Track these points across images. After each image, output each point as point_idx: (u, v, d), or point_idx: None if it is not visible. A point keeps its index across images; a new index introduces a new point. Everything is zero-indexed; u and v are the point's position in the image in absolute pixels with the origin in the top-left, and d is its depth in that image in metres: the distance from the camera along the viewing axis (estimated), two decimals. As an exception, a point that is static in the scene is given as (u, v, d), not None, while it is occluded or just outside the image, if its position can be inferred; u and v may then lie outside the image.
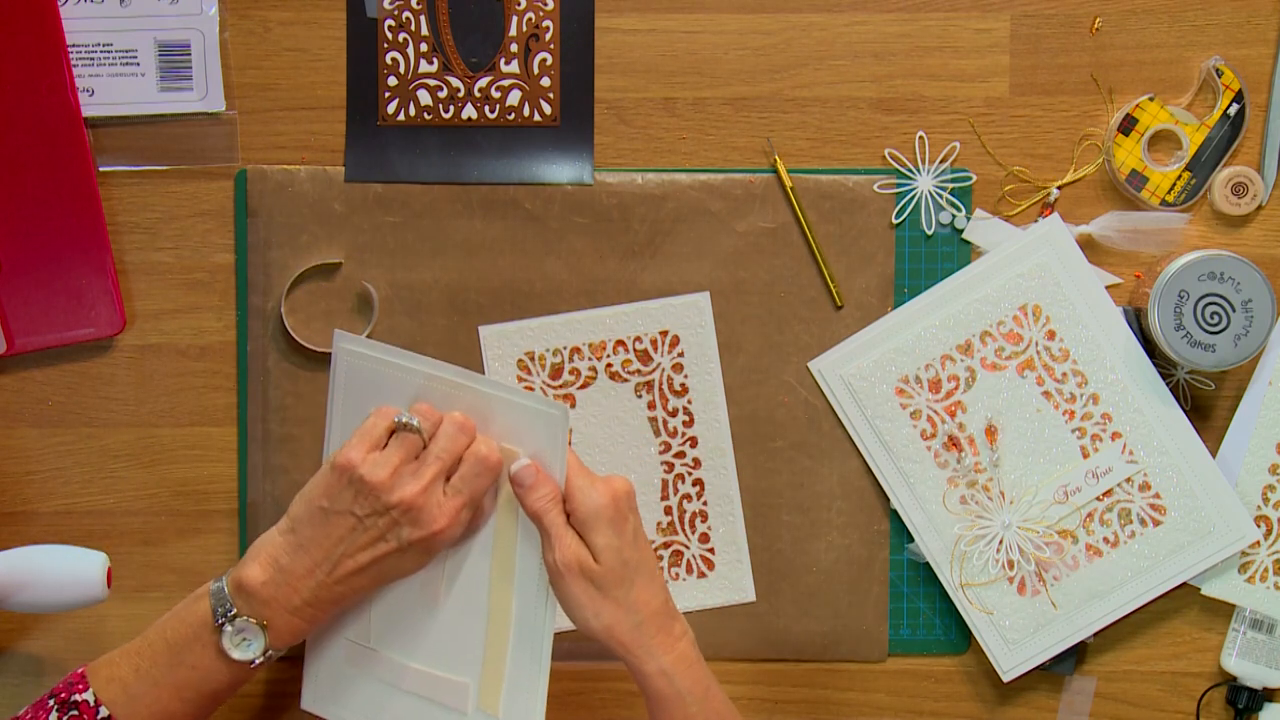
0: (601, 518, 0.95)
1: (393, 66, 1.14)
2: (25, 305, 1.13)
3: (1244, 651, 1.15)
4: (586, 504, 0.95)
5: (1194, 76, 1.15)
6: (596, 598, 0.94)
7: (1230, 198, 1.15)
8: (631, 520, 0.96)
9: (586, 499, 0.95)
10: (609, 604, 0.95)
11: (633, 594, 0.95)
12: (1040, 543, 1.13)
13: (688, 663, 0.96)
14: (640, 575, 0.96)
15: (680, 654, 0.96)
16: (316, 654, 1.06)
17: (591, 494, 0.95)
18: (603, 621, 0.95)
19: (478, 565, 1.00)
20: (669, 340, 1.15)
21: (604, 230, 1.15)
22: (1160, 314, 1.09)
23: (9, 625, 1.15)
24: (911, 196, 1.15)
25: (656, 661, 0.95)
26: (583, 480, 0.96)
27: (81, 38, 1.13)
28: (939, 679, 1.17)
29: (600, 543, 0.95)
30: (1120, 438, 1.13)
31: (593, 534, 0.95)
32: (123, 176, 1.15)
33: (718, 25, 1.15)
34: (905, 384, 1.14)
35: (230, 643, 0.94)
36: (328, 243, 1.15)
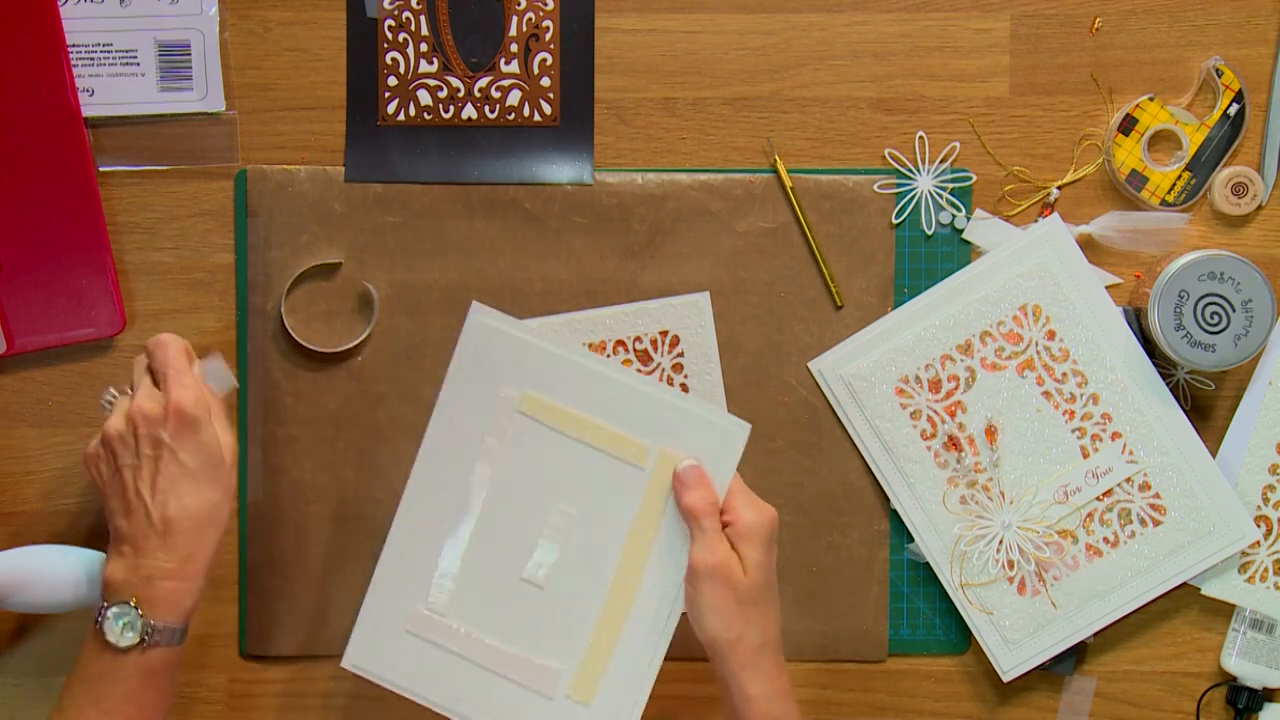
0: (759, 534, 0.97)
1: (393, 66, 1.14)
2: (25, 305, 1.13)
3: (1244, 651, 1.15)
4: (747, 518, 0.98)
5: (1194, 76, 1.15)
6: (733, 608, 0.96)
7: (1230, 198, 1.15)
8: (775, 549, 0.99)
9: (748, 514, 0.98)
10: (742, 618, 0.96)
11: (766, 615, 0.97)
12: (1040, 543, 1.13)
13: (787, 696, 0.98)
14: (775, 600, 0.99)
15: (784, 686, 0.98)
16: (371, 613, 1.04)
17: (753, 511, 0.98)
18: (733, 633, 0.96)
19: (602, 554, 1.01)
20: (669, 340, 1.15)
21: (604, 230, 1.15)
22: (1160, 314, 1.09)
23: (9, 625, 1.15)
24: (911, 196, 1.15)
25: (763, 686, 0.96)
26: (746, 497, 1.00)
27: (81, 38, 1.13)
28: (939, 679, 1.17)
29: (753, 557, 0.97)
30: (1120, 438, 1.13)
31: (748, 547, 0.97)
32: (123, 176, 1.15)
33: (718, 25, 1.15)
34: (905, 384, 1.14)
35: (113, 633, 0.94)
36: (328, 243, 1.15)
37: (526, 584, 1.02)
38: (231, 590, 1.16)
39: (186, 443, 0.97)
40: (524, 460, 1.02)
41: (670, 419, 1.00)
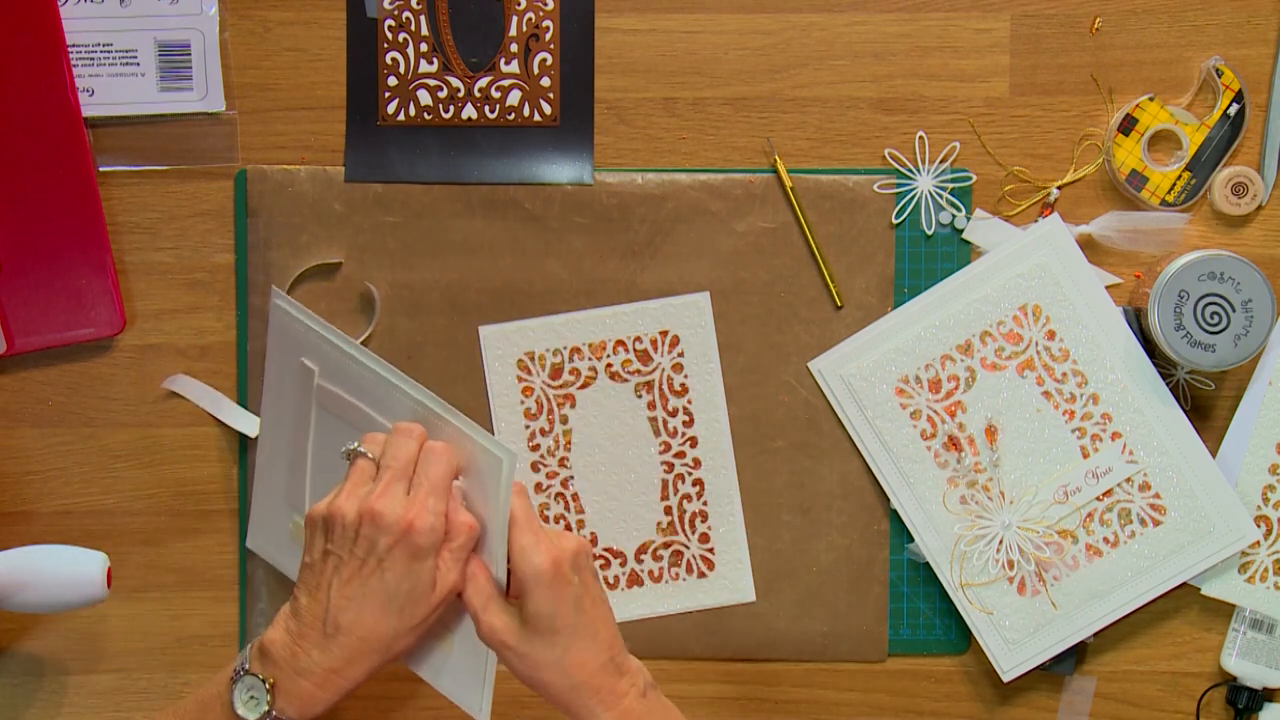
0: (540, 581, 0.91)
1: (393, 66, 1.14)
2: (25, 305, 1.13)
3: (1244, 651, 1.15)
4: (525, 566, 0.91)
5: (1194, 76, 1.15)
6: (524, 665, 0.92)
7: (1230, 198, 1.15)
8: (575, 583, 0.92)
9: (526, 561, 0.91)
10: (539, 669, 0.92)
11: (567, 657, 0.92)
12: (1040, 543, 1.13)
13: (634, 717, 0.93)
14: (577, 639, 0.92)
15: (625, 709, 0.93)
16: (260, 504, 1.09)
17: (533, 556, 0.91)
18: (537, 684, 0.92)
19: None
20: (669, 340, 1.15)
21: (604, 230, 1.15)
22: (1160, 314, 1.09)
23: (9, 625, 1.15)
24: (911, 196, 1.15)
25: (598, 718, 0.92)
26: (527, 539, 0.92)
27: (81, 38, 1.13)
28: (939, 679, 1.17)
29: (532, 607, 0.91)
30: (1120, 438, 1.13)
31: (528, 597, 0.91)
32: (123, 176, 1.15)
33: (718, 25, 1.15)
34: (905, 384, 1.14)
35: (239, 700, 0.92)
36: (328, 243, 1.15)
37: None
38: (231, 590, 1.16)
39: (398, 565, 0.91)
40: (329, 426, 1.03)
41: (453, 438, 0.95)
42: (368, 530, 0.91)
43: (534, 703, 1.16)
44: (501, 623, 0.92)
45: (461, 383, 1.15)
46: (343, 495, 0.92)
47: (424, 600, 0.92)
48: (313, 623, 0.92)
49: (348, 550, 0.91)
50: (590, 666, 0.92)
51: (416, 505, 0.91)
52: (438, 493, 0.92)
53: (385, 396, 0.97)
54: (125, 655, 1.16)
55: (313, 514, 0.93)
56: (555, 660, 0.92)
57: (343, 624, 0.91)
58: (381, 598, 0.91)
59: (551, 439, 1.15)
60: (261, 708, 0.91)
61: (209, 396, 1.14)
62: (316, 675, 0.92)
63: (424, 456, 0.93)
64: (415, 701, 1.16)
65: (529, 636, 0.91)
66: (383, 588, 0.91)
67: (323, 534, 0.92)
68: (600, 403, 1.15)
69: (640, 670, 0.95)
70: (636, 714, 0.93)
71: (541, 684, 0.92)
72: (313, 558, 0.93)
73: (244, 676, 0.92)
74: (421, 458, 0.93)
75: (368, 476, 0.93)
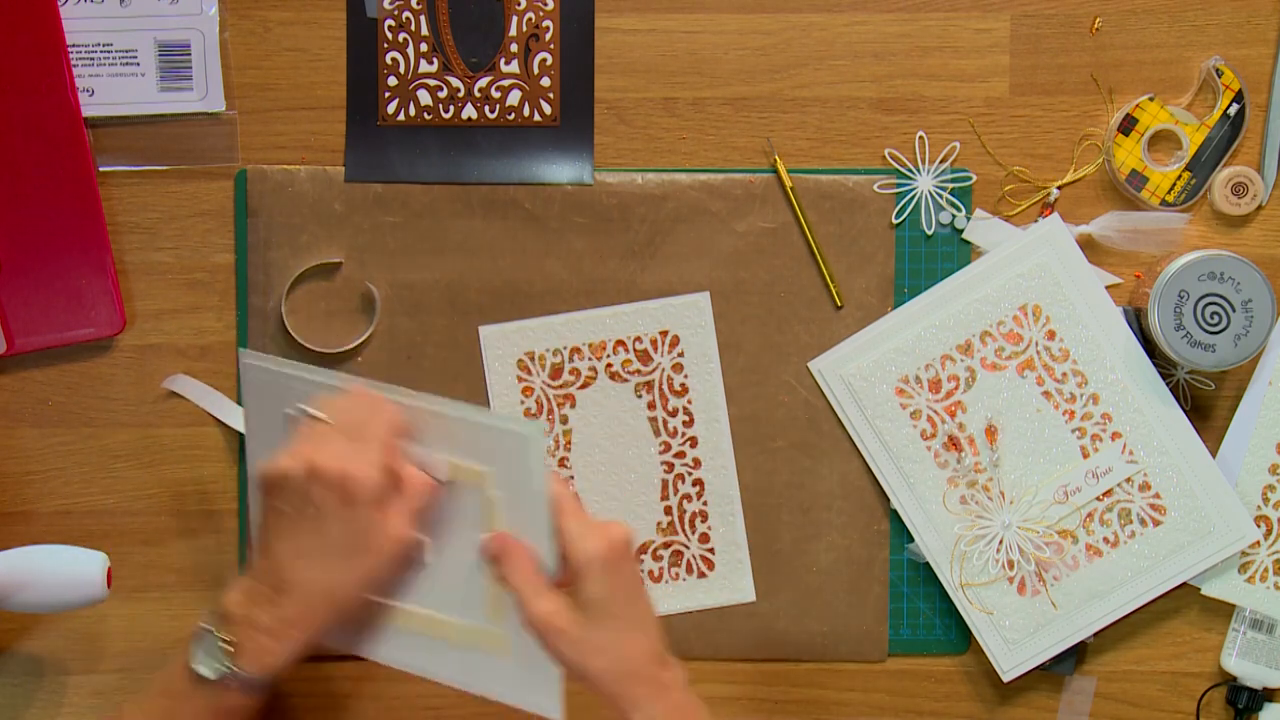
0: (595, 566, 0.91)
1: (393, 66, 1.14)
2: (25, 305, 1.13)
3: (1244, 651, 1.15)
4: (580, 552, 0.91)
5: (1194, 76, 1.15)
6: (576, 650, 0.92)
7: (1230, 198, 1.15)
8: (626, 570, 0.92)
9: (581, 546, 0.91)
10: (592, 655, 0.92)
11: (621, 644, 0.92)
12: (1040, 543, 1.13)
13: (680, 712, 0.93)
14: (630, 627, 0.92)
15: (673, 704, 0.93)
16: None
17: (587, 541, 0.91)
18: (589, 672, 0.92)
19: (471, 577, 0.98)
20: (669, 340, 1.15)
21: (604, 230, 1.15)
22: (1160, 314, 1.09)
23: (9, 625, 1.15)
24: (911, 196, 1.15)
25: (644, 712, 0.92)
26: (578, 526, 0.92)
27: (81, 38, 1.13)
28: (939, 679, 1.17)
29: (589, 592, 0.91)
30: (1120, 438, 1.13)
31: (584, 582, 0.91)
32: (123, 176, 1.15)
33: (718, 25, 1.15)
34: (905, 384, 1.14)
35: (198, 659, 0.93)
36: (328, 243, 1.15)
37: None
38: (231, 590, 1.16)
39: (338, 517, 0.91)
40: None
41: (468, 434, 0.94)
42: (309, 484, 0.91)
43: (534, 703, 1.16)
44: (555, 607, 0.92)
45: (461, 383, 1.15)
46: (287, 453, 0.93)
47: (370, 552, 0.93)
48: (264, 579, 0.93)
49: (292, 505, 0.92)
50: (642, 655, 0.93)
51: (354, 457, 0.92)
52: (376, 445, 0.93)
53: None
54: (125, 655, 1.16)
55: (258, 474, 0.94)
56: (610, 646, 0.92)
57: (290, 578, 0.92)
58: (323, 549, 0.92)
59: (551, 439, 1.15)
60: (221, 665, 0.93)
61: (209, 396, 1.14)
62: (272, 630, 0.93)
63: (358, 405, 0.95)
64: (416, 701, 1.16)
65: (583, 621, 0.91)
66: (324, 540, 0.92)
67: (270, 493, 0.94)
68: (600, 403, 1.15)
69: (679, 664, 0.95)
70: (684, 708, 0.94)
71: (594, 671, 0.92)
72: (261, 518, 0.94)
73: (203, 636, 0.93)
74: (361, 412, 0.94)
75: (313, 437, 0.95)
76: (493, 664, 0.98)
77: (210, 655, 0.93)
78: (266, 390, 1.02)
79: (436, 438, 0.96)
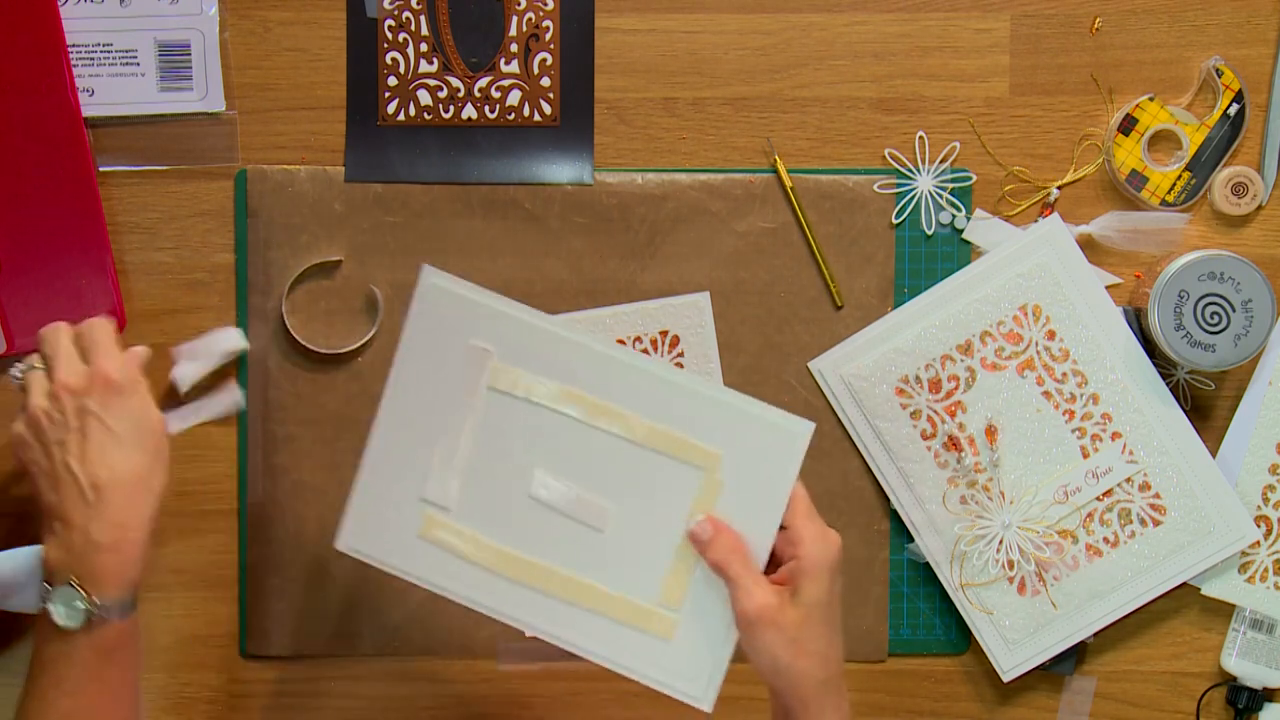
0: (823, 567, 0.92)
1: (393, 66, 1.14)
2: (25, 305, 1.13)
3: (1244, 651, 1.15)
4: (816, 554, 0.92)
5: (1194, 76, 1.15)
6: (789, 647, 0.92)
7: (1230, 198, 1.15)
8: (839, 579, 0.94)
9: (817, 549, 0.93)
10: (802, 656, 0.92)
11: (830, 649, 0.93)
12: (1040, 543, 1.13)
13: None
14: (836, 635, 0.94)
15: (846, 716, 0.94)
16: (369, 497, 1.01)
17: (822, 545, 0.93)
18: (794, 671, 0.92)
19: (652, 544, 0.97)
20: (669, 340, 1.15)
21: (604, 230, 1.15)
22: (1160, 314, 1.09)
23: (9, 625, 1.15)
24: (911, 196, 1.15)
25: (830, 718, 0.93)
26: (814, 528, 0.94)
27: (81, 38, 1.13)
28: (939, 679, 1.17)
29: (812, 592, 0.92)
30: (1120, 438, 1.13)
31: (811, 583, 0.92)
32: (123, 176, 1.15)
33: (718, 25, 1.15)
34: (905, 384, 1.14)
35: (58, 616, 0.93)
36: (328, 243, 1.15)
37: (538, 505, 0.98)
38: (231, 590, 1.16)
39: (114, 409, 0.95)
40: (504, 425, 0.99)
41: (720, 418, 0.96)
42: (69, 402, 0.95)
43: (534, 703, 1.16)
44: (777, 601, 0.92)
45: (461, 383, 1.15)
46: (30, 399, 0.97)
47: (153, 430, 0.97)
48: (75, 508, 0.94)
49: (64, 430, 0.95)
50: (839, 664, 0.94)
51: (100, 357, 0.97)
52: (109, 346, 0.97)
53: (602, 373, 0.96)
54: (125, 655, 1.16)
55: (15, 432, 0.97)
56: (822, 650, 0.92)
57: (100, 482, 0.94)
58: (118, 444, 0.95)
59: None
60: (82, 605, 0.93)
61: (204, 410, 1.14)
62: (107, 544, 0.94)
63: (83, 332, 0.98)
64: (416, 701, 1.17)
65: (804, 620, 0.92)
66: (111, 434, 0.95)
67: (35, 438, 0.96)
68: (600, 403, 1.15)
69: None
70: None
71: (798, 671, 0.92)
72: (38, 463, 0.96)
73: (49, 595, 0.93)
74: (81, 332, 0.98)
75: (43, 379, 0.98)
76: (652, 645, 0.98)
77: (68, 603, 0.93)
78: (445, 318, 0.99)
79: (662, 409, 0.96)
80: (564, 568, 0.98)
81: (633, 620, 0.98)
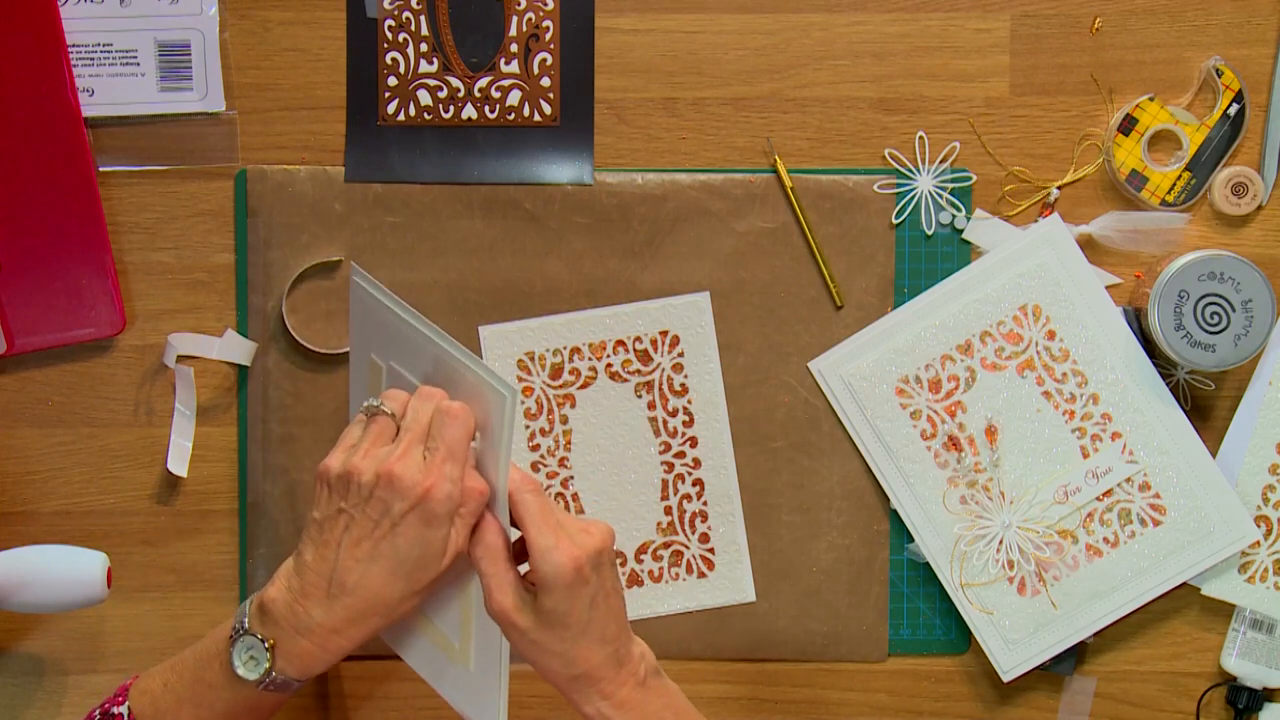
0: (559, 584, 0.89)
1: (393, 66, 1.14)
2: (25, 305, 1.13)
3: (1244, 651, 1.15)
4: (545, 567, 0.89)
5: (1194, 76, 1.15)
6: (529, 648, 0.91)
7: (1230, 198, 1.15)
8: (593, 582, 0.91)
9: (546, 562, 0.89)
10: (543, 655, 0.91)
11: (573, 651, 0.91)
12: (1040, 543, 1.13)
13: (626, 706, 0.93)
14: (585, 635, 0.91)
15: (621, 699, 0.93)
16: None
17: (552, 557, 0.89)
18: (538, 667, 0.92)
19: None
20: (669, 340, 1.15)
21: (604, 230, 1.15)
22: (1160, 314, 1.09)
23: (9, 625, 1.15)
24: (911, 196, 1.15)
25: (593, 706, 0.92)
26: (547, 539, 0.90)
27: (81, 38, 1.13)
28: (939, 679, 1.17)
29: (548, 605, 0.90)
30: (1120, 438, 1.13)
31: (545, 594, 0.90)
32: (123, 176, 1.15)
33: (718, 25, 1.15)
34: (905, 384, 1.14)
35: (238, 660, 0.92)
36: (328, 243, 1.15)
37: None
38: (231, 590, 1.16)
39: (412, 531, 0.90)
40: None
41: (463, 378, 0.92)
42: (383, 493, 0.90)
43: (534, 703, 1.16)
44: (514, 604, 0.91)
45: (461, 383, 1.15)
46: (360, 453, 0.91)
47: (433, 566, 0.91)
48: (317, 581, 0.91)
49: (360, 510, 0.90)
50: (593, 660, 0.92)
51: (435, 472, 0.90)
52: (455, 459, 0.91)
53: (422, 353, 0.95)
54: (125, 655, 1.16)
55: (326, 468, 0.92)
56: (561, 652, 0.91)
57: (349, 584, 0.91)
58: (392, 562, 0.91)
59: (551, 439, 1.15)
60: (261, 667, 0.91)
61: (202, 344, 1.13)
62: (317, 635, 0.91)
63: (441, 419, 0.92)
64: (416, 701, 1.17)
65: (539, 625, 0.91)
66: (394, 552, 0.90)
67: (337, 491, 0.91)
68: (600, 403, 1.15)
69: (643, 657, 0.95)
70: (632, 703, 0.93)
71: (542, 668, 0.93)
72: (323, 514, 0.92)
73: (243, 635, 0.92)
74: (439, 420, 0.92)
75: (387, 436, 0.93)
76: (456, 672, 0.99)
77: (251, 656, 0.92)
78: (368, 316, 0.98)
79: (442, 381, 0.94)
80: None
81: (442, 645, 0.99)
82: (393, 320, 0.96)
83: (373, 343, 0.99)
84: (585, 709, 0.93)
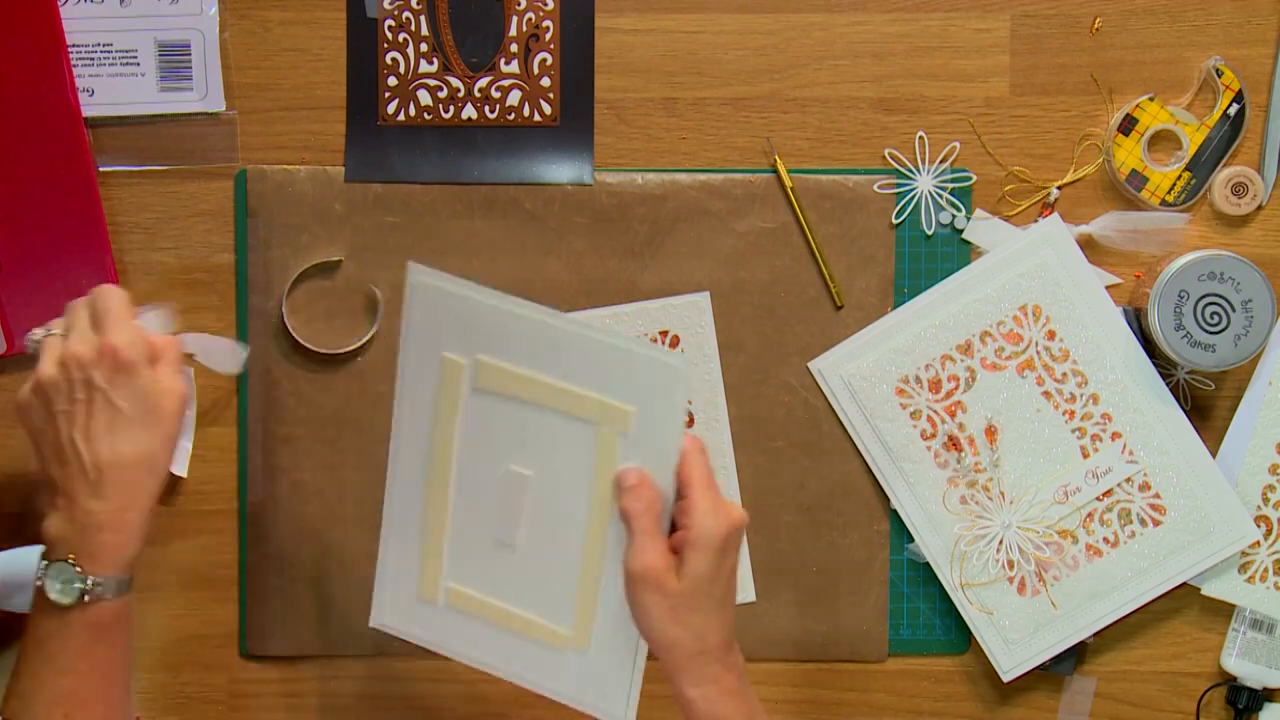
0: (712, 547, 0.91)
1: (393, 66, 1.14)
2: (25, 305, 1.13)
3: (1244, 651, 1.15)
4: (704, 529, 0.91)
5: (1194, 76, 1.15)
6: (666, 614, 0.92)
7: (1230, 198, 1.15)
8: (732, 555, 0.93)
9: (707, 524, 0.91)
10: (675, 622, 0.92)
11: (706, 621, 0.92)
12: (1040, 543, 1.13)
13: (730, 694, 0.94)
14: (717, 609, 0.93)
15: (725, 686, 0.94)
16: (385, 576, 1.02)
17: (712, 519, 0.91)
18: (666, 638, 0.92)
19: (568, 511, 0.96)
20: (669, 340, 1.15)
21: (604, 230, 1.15)
22: (1160, 314, 1.09)
23: (9, 625, 1.15)
24: (911, 196, 1.15)
25: (701, 689, 0.93)
26: (709, 501, 0.92)
27: (81, 38, 1.13)
28: (939, 679, 1.17)
29: (695, 564, 0.91)
30: (1120, 438, 1.13)
31: (695, 554, 0.91)
32: (123, 176, 1.15)
33: (718, 25, 1.15)
34: (905, 384, 1.14)
35: (54, 592, 0.93)
36: (328, 243, 1.15)
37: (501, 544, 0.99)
38: (231, 590, 1.16)
39: (121, 386, 0.94)
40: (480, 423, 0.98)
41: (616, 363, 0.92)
42: (77, 374, 0.94)
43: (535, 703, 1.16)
44: (665, 564, 0.92)
45: (461, 383, 1.15)
46: (40, 365, 0.95)
47: (161, 410, 0.95)
48: (77, 483, 0.94)
49: (71, 402, 0.94)
50: (719, 636, 0.93)
51: (110, 329, 0.94)
52: (121, 318, 0.95)
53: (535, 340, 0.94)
54: (125, 655, 1.16)
55: (20, 398, 0.96)
56: (697, 624, 0.92)
57: (103, 462, 0.93)
58: (122, 421, 0.94)
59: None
60: (77, 584, 0.93)
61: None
62: (106, 523, 0.93)
63: (93, 297, 0.96)
64: (416, 701, 1.17)
65: (680, 589, 0.92)
66: (118, 412, 0.94)
67: (40, 406, 0.95)
68: (600, 403, 1.15)
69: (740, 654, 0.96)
70: (733, 692, 0.94)
71: (670, 639, 0.92)
72: (43, 433, 0.95)
73: (45, 571, 0.93)
74: (91, 301, 0.96)
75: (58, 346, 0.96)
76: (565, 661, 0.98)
77: (64, 580, 0.93)
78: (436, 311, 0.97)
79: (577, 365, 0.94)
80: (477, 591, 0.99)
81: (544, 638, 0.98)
82: (480, 311, 0.95)
83: (446, 340, 0.97)
84: (689, 690, 0.93)
